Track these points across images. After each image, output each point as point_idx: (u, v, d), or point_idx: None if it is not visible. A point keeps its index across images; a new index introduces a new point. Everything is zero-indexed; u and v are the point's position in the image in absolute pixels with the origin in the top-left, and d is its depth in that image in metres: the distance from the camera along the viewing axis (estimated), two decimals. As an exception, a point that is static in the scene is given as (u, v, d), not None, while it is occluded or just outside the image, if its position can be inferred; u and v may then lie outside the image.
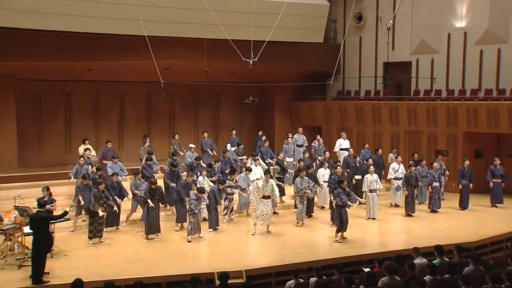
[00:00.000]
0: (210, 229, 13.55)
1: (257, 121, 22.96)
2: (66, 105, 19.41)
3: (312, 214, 15.25)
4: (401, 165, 16.88)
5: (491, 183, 16.65)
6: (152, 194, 13.00)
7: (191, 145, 17.31)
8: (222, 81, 20.08)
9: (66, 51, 16.59)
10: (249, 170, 15.22)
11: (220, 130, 22.21)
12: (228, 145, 18.02)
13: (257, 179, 14.49)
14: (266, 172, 14.07)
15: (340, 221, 12.86)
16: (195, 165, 15.68)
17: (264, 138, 18.72)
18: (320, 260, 11.26)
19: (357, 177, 16.59)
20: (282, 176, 16.74)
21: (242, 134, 21.68)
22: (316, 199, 16.15)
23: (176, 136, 18.08)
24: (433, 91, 20.28)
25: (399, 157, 17.21)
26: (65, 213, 11.05)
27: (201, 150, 18.27)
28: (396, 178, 16.74)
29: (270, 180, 13.73)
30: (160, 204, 13.29)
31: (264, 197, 13.50)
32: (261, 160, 16.80)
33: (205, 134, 18.65)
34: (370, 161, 16.39)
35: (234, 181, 14.48)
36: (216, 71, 17.47)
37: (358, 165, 16.83)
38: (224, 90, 21.96)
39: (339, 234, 12.88)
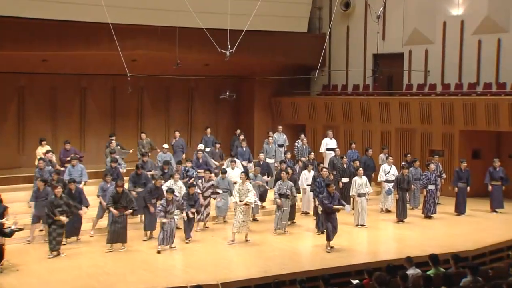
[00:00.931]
0: (188, 240, 13.46)
1: (234, 118, 22.93)
2: (18, 101, 19.10)
3: (295, 221, 15.25)
4: (393, 167, 16.98)
5: (490, 186, 16.84)
6: (116, 199, 12.87)
7: (165, 146, 17.24)
8: (196, 75, 20.00)
9: (17, 39, 16.34)
10: (223, 172, 15.20)
11: (194, 128, 22.14)
12: (201, 145, 17.96)
13: (235, 182, 14.43)
14: (242, 173, 13.99)
15: (326, 229, 12.88)
16: (165, 170, 15.58)
17: (242, 137, 18.71)
18: (305, 271, 11.30)
19: (344, 180, 16.64)
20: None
21: (218, 133, 21.64)
22: (299, 204, 16.17)
23: (143, 135, 17.96)
24: (427, 85, 20.47)
25: (390, 158, 17.34)
26: (10, 232, 10.94)
27: (172, 151, 18.22)
28: (387, 181, 16.87)
29: (247, 183, 13.69)
30: (126, 210, 13.10)
31: (239, 203, 13.46)
32: (239, 162, 16.81)
33: (177, 134, 18.58)
34: (357, 163, 16.46)
35: (210, 183, 14.41)
36: (189, 64, 17.39)
37: (345, 166, 16.87)
38: (198, 85, 21.89)
39: (327, 243, 12.92)
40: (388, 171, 16.93)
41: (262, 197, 16.15)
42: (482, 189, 17.37)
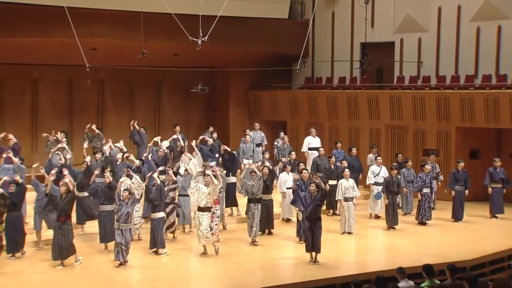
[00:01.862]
0: (153, 251, 13.33)
1: (207, 115, 22.87)
2: (-41, 94, 18.92)
3: (272, 231, 15.19)
4: (383, 168, 17.06)
5: (490, 189, 16.96)
6: (56, 205, 12.29)
7: (118, 144, 17.06)
8: (164, 66, 19.92)
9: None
10: (185, 171, 15.07)
11: (162, 126, 22.07)
12: (165, 142, 17.84)
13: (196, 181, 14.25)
14: (200, 174, 13.74)
15: (307, 240, 12.84)
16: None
17: (215, 135, 18.66)
18: (284, 284, 11.26)
19: (332, 182, 16.63)
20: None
21: (189, 132, 21.56)
22: (280, 211, 16.15)
23: (93, 126, 17.46)
24: (420, 77, 20.58)
25: (379, 158, 17.40)
26: None
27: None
28: (376, 184, 16.92)
29: (203, 186, 13.35)
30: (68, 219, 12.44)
31: (200, 209, 13.19)
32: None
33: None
34: (345, 163, 16.52)
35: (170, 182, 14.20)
36: (157, 53, 17.32)
37: (333, 167, 16.92)
38: (167, 77, 21.81)
39: (311, 254, 12.87)
40: (377, 172, 16.99)
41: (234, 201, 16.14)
42: (481, 192, 17.50)
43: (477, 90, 18.89)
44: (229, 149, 16.84)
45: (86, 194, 14.11)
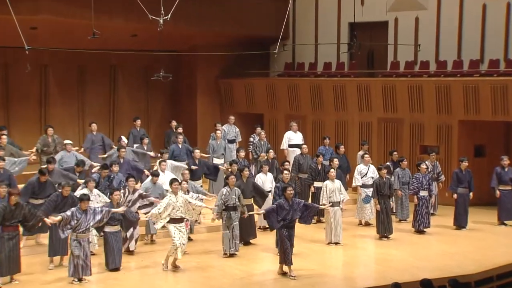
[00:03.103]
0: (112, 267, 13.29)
1: (171, 106, 22.86)
2: None
3: (251, 241, 15.25)
4: (371, 167, 17.12)
5: (498, 192, 17.07)
6: (8, 215, 12.20)
7: (67, 141, 17.00)
8: (120, 49, 19.83)
9: None
10: (155, 175, 15.08)
11: (118, 119, 21.99)
12: (123, 138, 17.76)
13: (167, 190, 14.27)
14: (172, 182, 13.64)
15: (284, 251, 12.83)
16: (77, 172, 15.32)
17: (180, 130, 18.58)
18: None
19: (318, 184, 16.66)
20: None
21: (150, 126, 21.57)
22: (256, 218, 16.18)
23: (50, 130, 17.56)
24: (417, 63, 20.71)
25: (367, 155, 17.38)
26: None
27: (87, 149, 18.06)
28: (364, 186, 16.98)
29: (180, 193, 13.42)
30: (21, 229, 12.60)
31: (174, 220, 13.21)
32: (173, 162, 16.71)
33: (94, 126, 18.37)
34: (336, 161, 16.58)
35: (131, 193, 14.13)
36: (111, 34, 17.19)
37: (319, 167, 16.96)
38: (124, 62, 21.72)
39: (286, 267, 12.87)
40: (365, 172, 17.03)
41: None
42: (488, 195, 17.58)
43: (483, 77, 19.01)
44: (206, 155, 16.88)
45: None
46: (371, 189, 16.49)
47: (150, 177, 15.17)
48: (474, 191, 16.93)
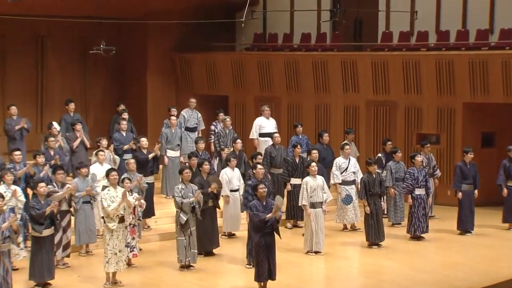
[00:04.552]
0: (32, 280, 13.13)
1: (116, 87, 22.78)
2: None
3: (214, 252, 15.19)
4: (352, 160, 17.12)
5: (505, 190, 17.03)
6: None
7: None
8: (49, 15, 19.68)
9: None
10: (79, 167, 14.87)
11: (47, 101, 21.89)
12: (55, 125, 17.59)
13: (106, 186, 14.18)
14: (109, 172, 13.67)
15: (258, 264, 12.72)
16: None
17: (126, 115, 18.47)
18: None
19: (295, 181, 16.73)
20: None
21: (89, 110, 21.45)
22: (220, 222, 16.09)
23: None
24: (414, 34, 20.71)
25: (347, 146, 17.25)
26: None
27: (6, 137, 17.97)
28: (344, 183, 16.94)
29: (121, 188, 13.32)
30: None
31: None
32: (112, 153, 16.68)
33: (14, 109, 18.18)
34: (315, 153, 16.56)
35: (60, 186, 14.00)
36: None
37: (297, 161, 16.98)
38: (54, 32, 21.59)
39: (260, 284, 12.78)
40: (345, 167, 17.00)
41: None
42: (498, 193, 17.49)
43: (492, 50, 19.04)
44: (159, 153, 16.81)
45: None
46: (353, 187, 16.57)
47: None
48: (480, 188, 16.90)
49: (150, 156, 16.49)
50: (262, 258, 12.62)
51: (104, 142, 16.58)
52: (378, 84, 19.98)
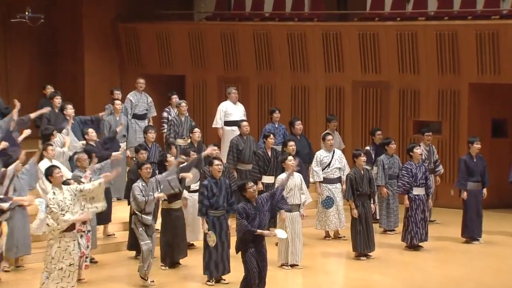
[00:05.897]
0: None
1: (44, 64, 22.88)
2: None
3: (180, 263, 15.46)
4: (337, 153, 17.15)
5: (516, 188, 17.30)
6: None
7: None
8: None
9: None
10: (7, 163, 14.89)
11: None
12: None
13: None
14: (52, 169, 13.37)
15: (249, 275, 12.63)
16: None
17: (59, 100, 18.23)
18: None
19: (268, 179, 17.05)
20: None
21: (11, 92, 21.44)
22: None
23: None
24: (410, 1, 20.69)
25: (329, 136, 17.24)
26: None
27: None
28: (327, 181, 16.94)
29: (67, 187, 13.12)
30: None
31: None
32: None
33: None
34: (292, 145, 16.70)
35: None
36: None
37: (270, 154, 17.05)
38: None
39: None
40: (327, 161, 17.01)
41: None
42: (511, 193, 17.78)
43: (505, 20, 19.07)
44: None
45: None
46: (338, 186, 16.84)
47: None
48: (489, 186, 16.93)
49: None
50: (252, 268, 12.61)
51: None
52: (367, 62, 20.13)
